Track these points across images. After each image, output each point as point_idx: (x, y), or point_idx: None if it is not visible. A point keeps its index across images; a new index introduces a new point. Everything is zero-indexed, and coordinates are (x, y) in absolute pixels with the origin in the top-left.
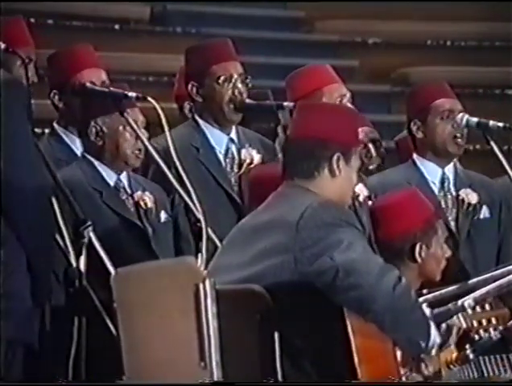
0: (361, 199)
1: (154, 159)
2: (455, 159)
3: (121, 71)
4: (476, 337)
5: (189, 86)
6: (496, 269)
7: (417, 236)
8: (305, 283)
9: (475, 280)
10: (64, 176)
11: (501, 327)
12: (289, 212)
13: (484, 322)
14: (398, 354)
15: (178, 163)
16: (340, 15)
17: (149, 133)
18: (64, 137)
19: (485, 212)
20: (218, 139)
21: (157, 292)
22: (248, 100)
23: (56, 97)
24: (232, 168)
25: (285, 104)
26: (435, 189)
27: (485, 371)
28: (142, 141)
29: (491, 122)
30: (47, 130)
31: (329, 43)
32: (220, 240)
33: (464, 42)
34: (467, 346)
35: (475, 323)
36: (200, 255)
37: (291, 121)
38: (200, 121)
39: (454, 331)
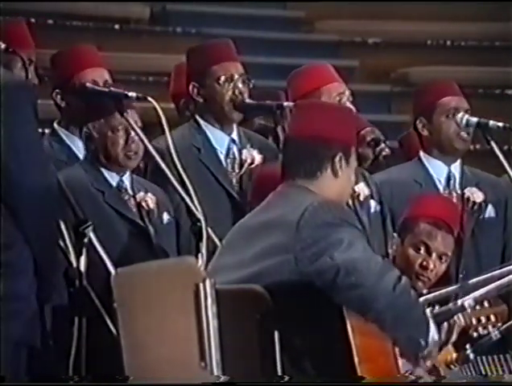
0: (361, 198)
1: (154, 160)
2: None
3: (121, 71)
4: (475, 335)
5: (190, 86)
6: (496, 269)
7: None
8: (305, 283)
9: (475, 280)
10: (66, 176)
11: (499, 325)
12: (289, 212)
13: (483, 319)
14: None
15: (178, 163)
16: (340, 15)
17: (146, 134)
18: (64, 137)
19: (490, 211)
20: (219, 139)
21: (157, 292)
22: (248, 100)
23: (59, 97)
24: (233, 168)
25: (285, 104)
26: (441, 187)
27: (483, 371)
28: (143, 141)
29: (491, 122)
30: (46, 130)
31: (329, 43)
32: (220, 240)
33: (464, 42)
34: (467, 346)
35: (474, 321)
36: (200, 255)
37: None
38: (201, 122)
39: (455, 330)
